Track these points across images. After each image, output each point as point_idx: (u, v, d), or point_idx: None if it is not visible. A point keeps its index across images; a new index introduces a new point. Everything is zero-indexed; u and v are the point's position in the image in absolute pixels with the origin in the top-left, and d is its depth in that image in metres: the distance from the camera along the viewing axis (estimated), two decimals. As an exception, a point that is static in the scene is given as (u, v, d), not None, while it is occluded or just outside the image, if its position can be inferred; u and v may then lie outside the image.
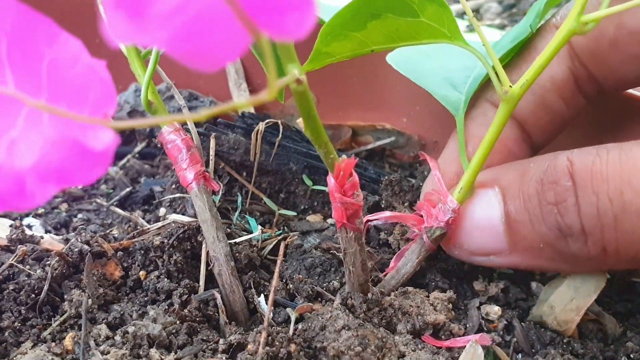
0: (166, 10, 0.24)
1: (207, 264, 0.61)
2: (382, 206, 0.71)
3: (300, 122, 0.81)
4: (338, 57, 0.55)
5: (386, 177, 0.72)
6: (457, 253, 0.57)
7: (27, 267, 0.60)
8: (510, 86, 0.51)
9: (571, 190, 0.47)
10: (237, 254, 0.61)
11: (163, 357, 0.50)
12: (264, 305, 0.58)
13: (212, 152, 0.72)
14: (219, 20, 0.25)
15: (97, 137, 0.29)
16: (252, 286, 0.59)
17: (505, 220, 0.52)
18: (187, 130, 0.65)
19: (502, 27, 1.47)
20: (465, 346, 0.51)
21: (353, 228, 0.50)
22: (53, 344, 0.52)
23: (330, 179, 0.48)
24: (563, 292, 0.57)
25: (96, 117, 0.30)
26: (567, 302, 0.56)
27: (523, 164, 0.54)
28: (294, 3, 0.24)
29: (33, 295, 0.56)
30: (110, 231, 0.68)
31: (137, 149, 0.89)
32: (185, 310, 0.56)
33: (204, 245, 0.62)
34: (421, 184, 0.71)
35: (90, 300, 0.56)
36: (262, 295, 0.59)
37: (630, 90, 0.66)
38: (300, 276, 0.59)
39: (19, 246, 0.62)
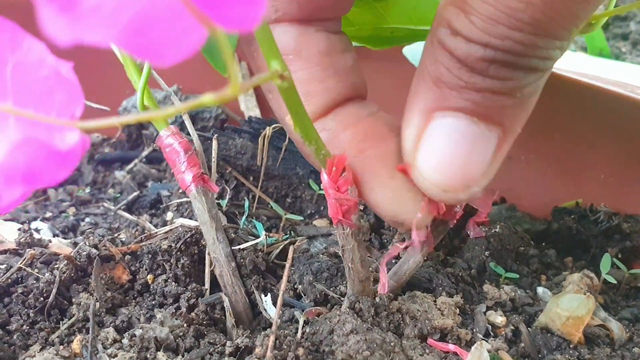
0: (102, 3, 0.24)
1: (211, 266, 0.61)
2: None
3: (289, 120, 0.81)
4: (358, 27, 0.53)
5: None
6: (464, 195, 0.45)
7: (36, 270, 0.60)
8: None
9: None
10: (241, 259, 0.61)
11: (170, 360, 0.50)
12: (270, 306, 0.58)
13: (214, 155, 0.72)
14: (170, 14, 0.24)
15: (64, 138, 0.30)
16: (258, 289, 0.60)
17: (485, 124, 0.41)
18: (189, 134, 0.65)
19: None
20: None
21: (349, 224, 0.50)
22: (61, 347, 0.52)
23: (324, 176, 0.48)
24: (565, 306, 0.57)
25: (63, 119, 0.30)
26: (565, 318, 0.57)
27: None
28: None
29: (41, 299, 0.57)
30: (118, 235, 0.68)
31: (144, 153, 0.90)
32: (192, 314, 0.56)
33: (207, 249, 0.62)
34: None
35: (98, 304, 0.56)
36: (268, 295, 0.59)
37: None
38: (311, 278, 0.59)
39: (28, 250, 0.62)
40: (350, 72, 0.48)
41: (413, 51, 0.67)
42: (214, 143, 0.73)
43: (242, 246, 0.63)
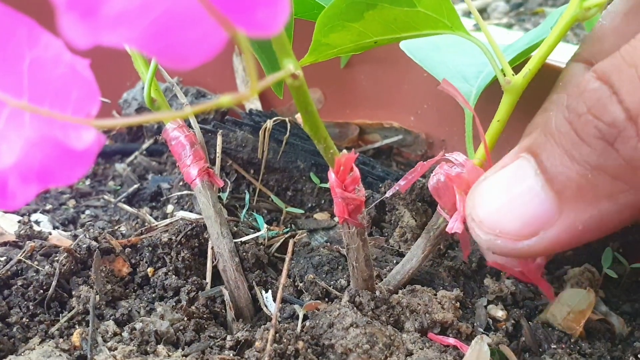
0: (124, 9, 0.24)
1: (214, 261, 0.61)
2: (387, 208, 0.71)
3: (299, 117, 0.81)
4: (340, 48, 0.54)
5: (386, 181, 0.72)
6: (500, 243, 0.46)
7: (35, 263, 0.60)
8: (513, 75, 0.51)
9: (602, 87, 0.39)
10: (244, 253, 0.61)
11: (170, 353, 0.50)
12: (271, 302, 0.58)
13: (218, 150, 0.72)
14: (191, 17, 0.24)
15: (80, 136, 0.29)
16: (259, 284, 0.60)
17: (544, 178, 0.44)
18: (192, 127, 0.65)
19: (509, 26, 1.47)
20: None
21: (355, 223, 0.50)
22: (61, 339, 0.52)
23: (331, 174, 0.48)
24: (566, 300, 0.57)
25: (79, 117, 0.30)
26: (566, 313, 0.57)
27: (540, 118, 0.51)
28: None
29: (41, 291, 0.56)
30: (118, 228, 0.68)
31: (145, 145, 0.89)
32: (193, 307, 0.56)
33: (210, 242, 0.62)
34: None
35: (98, 297, 0.56)
36: (269, 291, 0.59)
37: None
38: (312, 276, 0.59)
39: (27, 242, 0.62)
40: None
41: (410, 45, 0.66)
42: (219, 138, 0.72)
43: (243, 239, 0.63)
